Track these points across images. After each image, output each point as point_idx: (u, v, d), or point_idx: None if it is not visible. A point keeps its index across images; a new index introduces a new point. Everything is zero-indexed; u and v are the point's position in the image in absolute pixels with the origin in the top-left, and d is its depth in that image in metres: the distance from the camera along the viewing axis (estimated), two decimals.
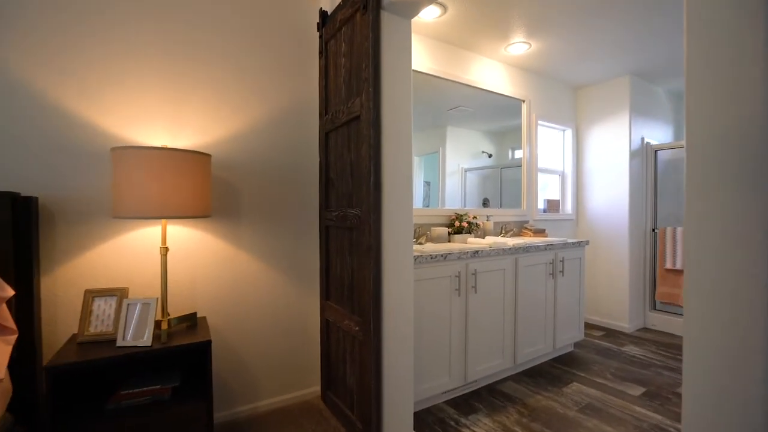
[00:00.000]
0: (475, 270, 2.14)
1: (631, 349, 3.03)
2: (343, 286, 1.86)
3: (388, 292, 1.61)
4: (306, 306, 2.16)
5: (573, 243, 2.77)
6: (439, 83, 2.78)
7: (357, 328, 1.70)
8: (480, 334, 2.20)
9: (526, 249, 2.43)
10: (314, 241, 2.19)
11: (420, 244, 2.43)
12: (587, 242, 2.89)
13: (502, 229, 2.97)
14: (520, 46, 2.83)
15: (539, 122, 3.50)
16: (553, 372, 2.59)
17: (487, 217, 2.90)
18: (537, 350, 2.55)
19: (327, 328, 2.05)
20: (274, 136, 2.06)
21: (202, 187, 1.57)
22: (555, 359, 2.81)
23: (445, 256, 2.01)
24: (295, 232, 2.13)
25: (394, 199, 1.63)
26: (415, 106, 2.66)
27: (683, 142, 3.71)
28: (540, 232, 3.09)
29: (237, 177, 1.96)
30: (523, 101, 3.32)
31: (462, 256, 2.09)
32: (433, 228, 2.56)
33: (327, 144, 2.02)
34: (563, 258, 2.69)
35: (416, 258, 1.90)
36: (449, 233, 2.67)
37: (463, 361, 2.14)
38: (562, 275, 2.70)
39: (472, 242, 2.48)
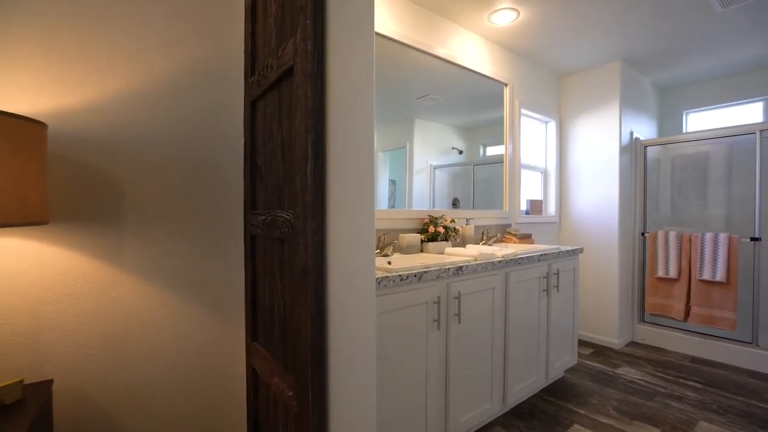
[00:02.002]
0: (459, 292, 1.61)
1: (628, 372, 2.64)
2: (274, 324, 1.27)
3: (338, 338, 1.04)
4: (229, 346, 1.55)
5: (567, 251, 2.32)
6: (408, 59, 2.24)
7: (290, 393, 1.12)
8: (464, 376, 1.68)
9: (517, 261, 1.94)
10: (241, 255, 1.58)
11: (385, 256, 1.88)
12: (581, 250, 2.46)
13: (484, 235, 2.48)
14: (506, 14, 2.35)
15: (522, 111, 3.05)
16: (547, 410, 2.12)
17: (467, 220, 2.40)
18: (528, 385, 2.07)
19: (255, 382, 1.44)
20: (179, 105, 1.44)
21: (30, 176, 0.93)
22: (547, 390, 2.35)
23: (420, 276, 1.47)
24: (211, 244, 1.51)
25: (347, 196, 1.06)
26: (380, 91, 2.12)
27: (675, 138, 3.46)
28: (526, 238, 2.64)
29: (117, 164, 1.32)
30: (506, 85, 2.86)
31: (442, 274, 1.55)
32: (401, 235, 2.02)
33: (254, 117, 1.42)
34: (558, 270, 2.23)
35: (380, 281, 1.35)
36: (422, 241, 2.14)
37: (443, 415, 1.61)
38: (557, 291, 2.24)
39: (452, 253, 1.96)
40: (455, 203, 2.58)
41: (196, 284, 1.47)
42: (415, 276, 1.46)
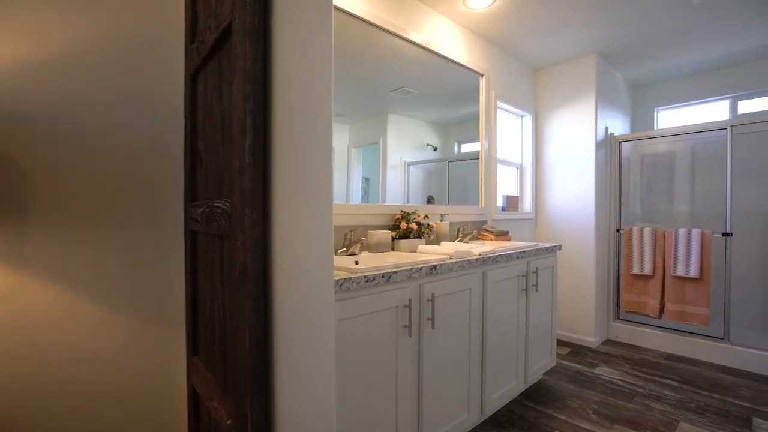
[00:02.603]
0: (433, 294, 1.45)
1: (605, 372, 2.57)
2: (214, 337, 1.07)
3: (287, 355, 0.86)
4: (171, 361, 1.33)
5: (546, 248, 2.21)
6: (380, 46, 2.07)
7: (229, 422, 0.92)
8: (438, 387, 1.52)
9: (495, 259, 1.80)
10: (182, 255, 1.37)
11: (352, 254, 1.70)
12: (559, 247, 2.36)
13: (459, 232, 2.34)
14: None
15: (498, 104, 2.94)
16: (526, 415, 2.00)
17: (441, 216, 2.26)
18: (507, 391, 1.94)
19: (195, 403, 1.23)
20: (108, 80, 1.21)
21: None
22: (526, 394, 2.23)
23: (388, 277, 1.30)
24: (148, 243, 1.29)
25: (299, 180, 0.88)
26: (352, 83, 1.94)
27: (649, 133, 3.46)
28: (503, 235, 2.52)
29: (21, 146, 1.08)
30: (481, 75, 2.73)
31: (414, 274, 1.39)
32: (371, 232, 1.85)
33: (194, 91, 1.21)
34: (537, 268, 2.11)
35: (342, 283, 1.17)
36: (393, 238, 1.97)
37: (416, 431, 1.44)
38: (536, 290, 2.12)
39: (426, 251, 1.80)
40: (430, 200, 2.44)
41: (130, 290, 1.25)
42: (383, 277, 1.28)
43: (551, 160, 3.26)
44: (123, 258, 1.24)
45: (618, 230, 3.20)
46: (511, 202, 3.09)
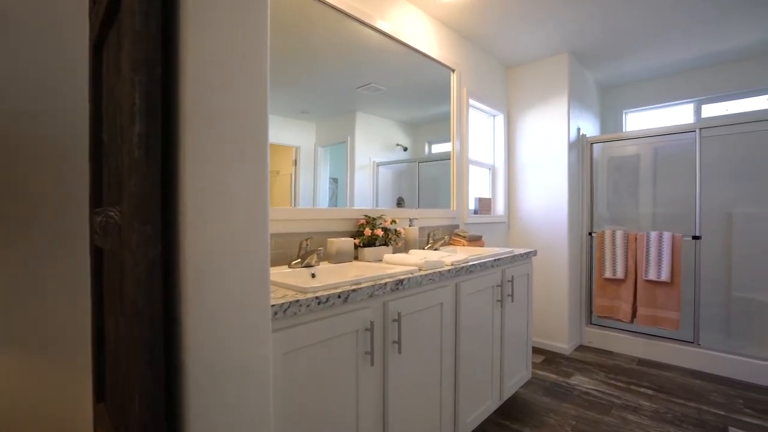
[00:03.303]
0: (399, 313, 1.26)
1: (581, 382, 2.47)
2: (117, 382, 0.83)
3: (202, 412, 0.63)
4: (74, 408, 1.06)
5: (522, 255, 2.07)
6: (346, 35, 1.87)
7: None
8: (407, 421, 1.33)
9: (469, 269, 1.63)
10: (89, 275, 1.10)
11: (308, 267, 1.48)
12: (535, 252, 2.24)
13: (429, 237, 2.17)
14: None
15: (470, 102, 2.80)
16: None
17: (410, 221, 2.07)
18: (482, 412, 1.78)
19: None
20: None
21: None
22: (501, 411, 2.08)
23: (346, 296, 1.09)
24: (48, 259, 1.02)
25: (218, 181, 0.66)
26: (318, 78, 1.73)
27: (620, 135, 3.42)
28: (475, 240, 2.37)
29: None
30: (453, 70, 2.58)
31: (377, 291, 1.19)
32: (330, 240, 1.63)
33: (97, 68, 0.96)
34: (512, 277, 1.97)
35: (288, 307, 0.95)
36: (357, 246, 1.77)
37: None
38: (512, 300, 1.98)
39: (392, 261, 1.61)
40: (400, 202, 2.27)
41: (25, 320, 0.98)
42: (340, 297, 1.08)
43: (524, 161, 3.16)
44: (13, 280, 0.97)
45: (590, 233, 3.14)
46: (484, 205, 2.96)
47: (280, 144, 1.61)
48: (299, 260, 1.50)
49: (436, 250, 2.13)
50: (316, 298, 1.02)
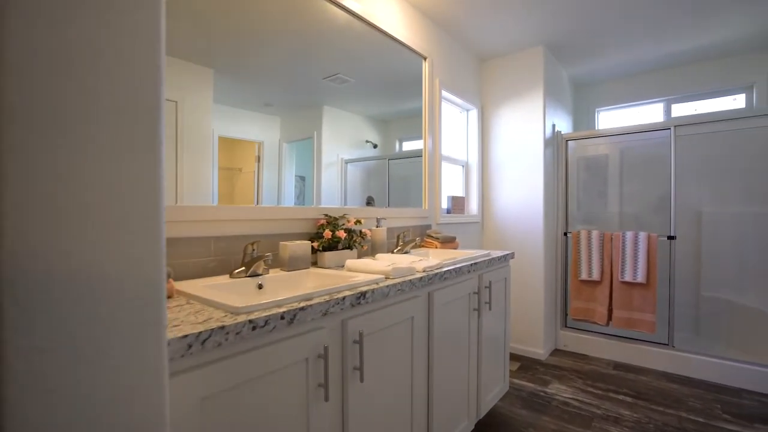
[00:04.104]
0: (361, 333, 1.04)
1: (559, 390, 2.34)
2: None
3: None
4: None
5: (499, 258, 1.90)
6: (309, 16, 1.63)
7: None
8: None
9: (443, 276, 1.43)
10: None
11: (255, 276, 1.24)
12: (512, 255, 2.08)
13: (399, 239, 1.96)
14: None
15: (443, 93, 2.62)
16: None
17: (378, 221, 1.86)
18: None
19: None
20: None
21: None
22: (477, 428, 1.91)
23: (292, 317, 0.86)
24: None
25: (74, 168, 0.41)
26: (281, 67, 1.50)
27: (596, 132, 3.35)
28: (449, 242, 2.19)
29: None
30: (425, 58, 2.39)
31: (333, 307, 0.96)
32: (283, 244, 1.39)
33: None
34: (490, 282, 1.79)
35: (207, 338, 0.71)
36: (315, 250, 1.53)
37: None
38: (489, 308, 1.80)
39: (355, 268, 1.38)
40: (369, 202, 2.07)
41: None
42: (284, 318, 0.84)
43: (498, 158, 3.02)
44: None
45: (565, 233, 3.04)
46: (457, 204, 2.79)
47: (242, 139, 1.43)
48: (243, 268, 1.25)
49: (406, 253, 1.92)
50: (250, 321, 0.78)
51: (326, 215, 1.63)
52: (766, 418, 2.03)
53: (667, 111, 3.47)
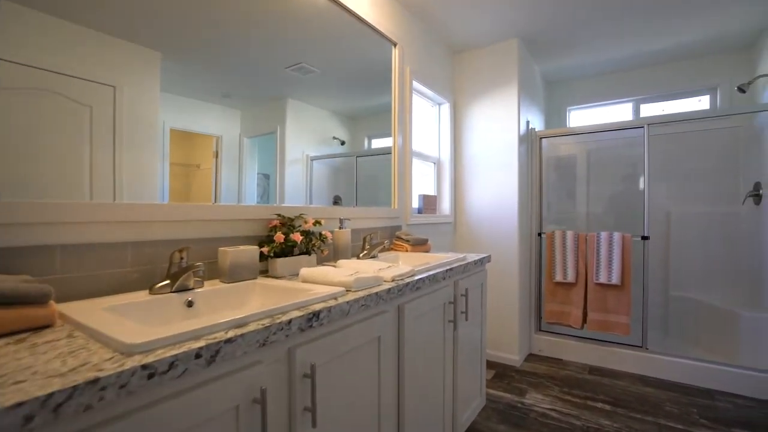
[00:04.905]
0: (313, 365, 0.82)
1: (536, 401, 2.20)
2: None
3: None
4: None
5: (476, 262, 1.73)
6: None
7: None
8: None
9: (415, 285, 1.24)
10: None
11: (184, 290, 0.99)
12: (489, 258, 1.92)
13: (366, 242, 1.76)
14: None
15: (414, 84, 2.43)
16: None
17: (341, 222, 1.64)
18: None
19: None
20: None
21: None
22: None
23: (213, 354, 0.63)
24: None
25: None
26: (237, 49, 1.31)
27: (570, 129, 3.23)
28: (420, 245, 2.00)
29: None
30: (395, 45, 2.19)
31: (274, 334, 0.74)
32: (223, 250, 1.15)
33: None
34: (466, 290, 1.62)
35: (67, 397, 0.47)
36: (265, 256, 1.30)
37: None
38: (466, 319, 1.63)
39: (312, 278, 1.16)
40: (337, 201, 1.88)
41: None
42: (200, 356, 0.61)
43: (471, 155, 2.87)
44: None
45: (540, 234, 2.94)
46: (428, 203, 2.62)
47: (199, 132, 1.27)
48: (167, 282, 1.00)
49: (373, 258, 1.72)
50: (144, 367, 0.55)
51: (279, 215, 1.39)
52: (743, 422, 1.98)
53: (636, 111, 3.46)
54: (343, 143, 1.99)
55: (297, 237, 1.34)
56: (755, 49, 2.78)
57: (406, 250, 1.94)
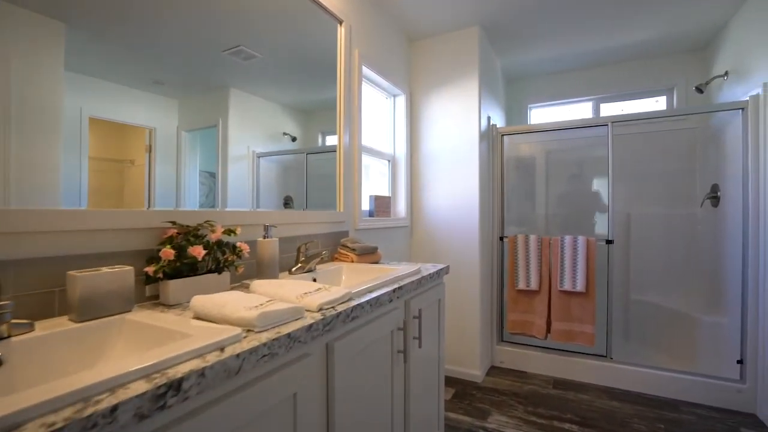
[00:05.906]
0: None
1: (500, 425, 1.98)
2: None
3: None
4: None
5: (432, 275, 1.47)
6: None
7: None
8: None
9: (351, 314, 0.95)
10: None
11: (6, 338, 0.64)
12: (447, 269, 1.67)
13: (301, 253, 1.44)
14: None
15: (364, 70, 2.15)
16: None
17: (266, 229, 1.32)
18: None
19: None
20: None
21: None
22: None
23: None
24: None
25: None
26: (164, 27, 0.96)
27: (533, 126, 3.02)
28: (368, 253, 1.72)
29: None
30: (341, 22, 1.90)
31: (105, 421, 0.42)
32: (72, 275, 0.80)
33: None
34: (420, 310, 1.35)
35: None
36: (151, 278, 0.95)
37: None
38: (419, 346, 1.35)
39: (205, 311, 0.83)
40: (288, 202, 1.61)
41: None
42: None
43: (429, 152, 2.63)
44: None
45: (501, 238, 2.75)
46: (381, 205, 2.34)
47: (124, 122, 1.06)
48: None
49: (309, 272, 1.41)
50: None
51: (174, 222, 1.05)
52: None
53: (597, 110, 3.38)
54: (294, 139, 1.71)
55: (197, 251, 1.01)
56: (710, 49, 2.74)
57: (352, 261, 1.65)
